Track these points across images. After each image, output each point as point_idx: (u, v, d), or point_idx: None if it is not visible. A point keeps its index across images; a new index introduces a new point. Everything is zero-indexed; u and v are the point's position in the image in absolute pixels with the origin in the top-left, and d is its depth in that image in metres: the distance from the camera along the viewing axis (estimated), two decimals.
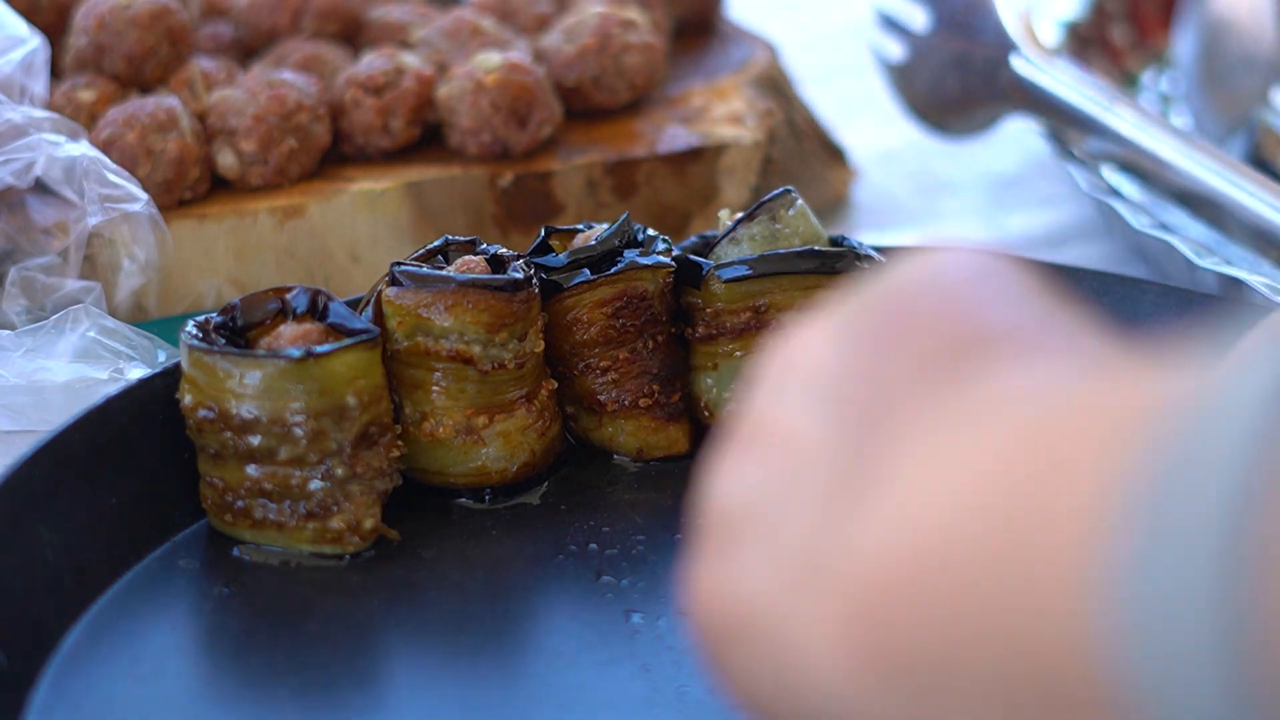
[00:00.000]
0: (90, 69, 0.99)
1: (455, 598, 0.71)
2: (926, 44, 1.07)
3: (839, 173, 1.10)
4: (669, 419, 0.80)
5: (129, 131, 0.93)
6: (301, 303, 0.75)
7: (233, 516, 0.73)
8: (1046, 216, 1.09)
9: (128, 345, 0.85)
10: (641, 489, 0.78)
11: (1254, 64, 1.09)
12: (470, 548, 0.74)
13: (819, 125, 1.10)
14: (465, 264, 0.76)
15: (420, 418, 0.76)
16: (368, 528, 0.73)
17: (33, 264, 0.89)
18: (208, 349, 0.72)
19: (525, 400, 0.77)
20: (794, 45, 1.22)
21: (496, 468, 0.77)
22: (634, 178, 1.00)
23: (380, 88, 0.98)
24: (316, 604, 0.71)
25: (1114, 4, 1.20)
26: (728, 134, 1.02)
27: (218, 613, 0.71)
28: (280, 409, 0.71)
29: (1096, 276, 0.85)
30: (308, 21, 1.05)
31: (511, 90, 0.97)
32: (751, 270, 0.79)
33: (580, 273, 0.79)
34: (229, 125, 0.95)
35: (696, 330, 0.81)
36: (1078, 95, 0.99)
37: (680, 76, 1.09)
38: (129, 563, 0.72)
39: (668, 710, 0.64)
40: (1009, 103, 1.03)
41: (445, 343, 0.75)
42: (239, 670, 0.68)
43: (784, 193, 0.81)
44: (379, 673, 0.67)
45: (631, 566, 0.72)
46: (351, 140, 0.99)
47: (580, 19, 1.04)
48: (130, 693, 0.65)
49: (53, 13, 1.05)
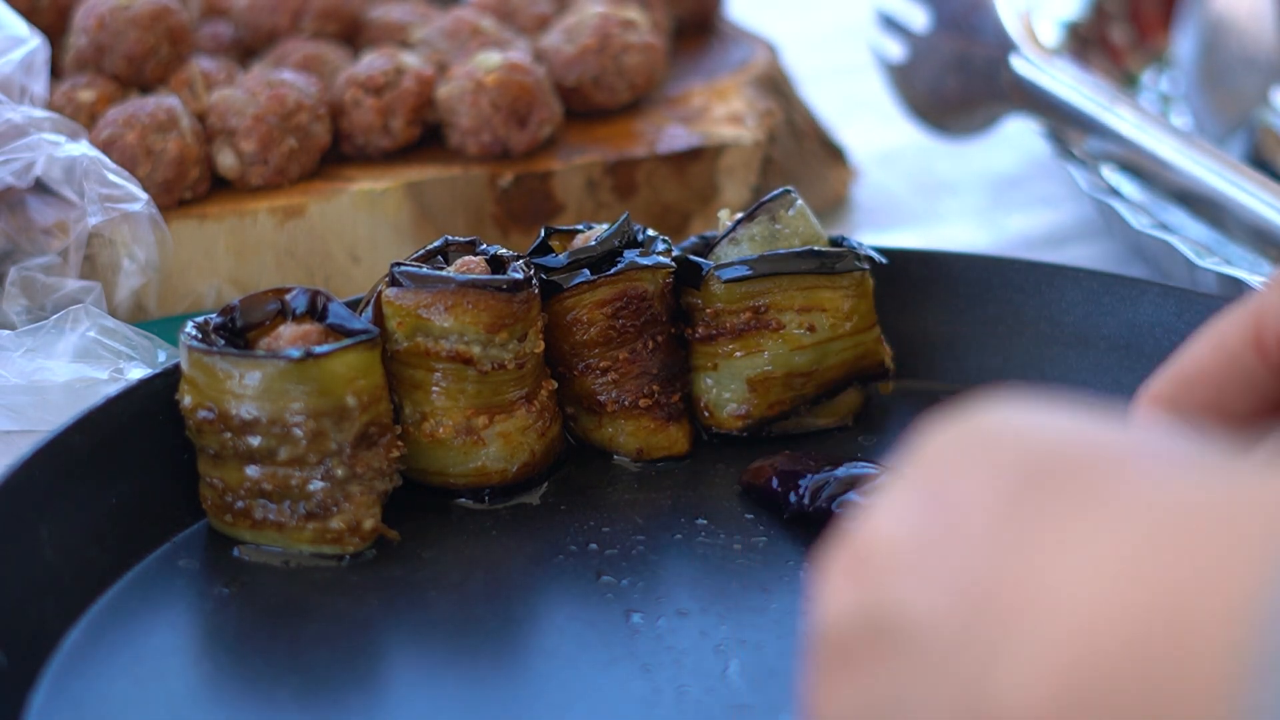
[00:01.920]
0: (90, 69, 0.99)
1: (455, 598, 0.71)
2: (926, 44, 1.07)
3: (839, 173, 1.10)
4: (669, 419, 0.80)
5: (129, 131, 0.93)
6: (301, 303, 0.75)
7: (233, 517, 0.73)
8: (1046, 216, 1.09)
9: (128, 345, 0.85)
10: (641, 489, 0.78)
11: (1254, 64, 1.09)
12: (470, 548, 0.74)
13: (819, 125, 1.10)
14: (465, 264, 0.76)
15: (420, 418, 0.76)
16: (368, 528, 0.73)
17: (33, 264, 0.89)
18: (207, 350, 0.72)
19: (525, 400, 0.77)
20: (794, 45, 1.22)
21: (496, 468, 0.77)
22: (634, 178, 1.00)
23: (380, 88, 0.98)
24: (316, 604, 0.71)
25: (1114, 4, 1.20)
26: (728, 134, 1.02)
27: (218, 613, 0.71)
28: (280, 409, 0.71)
29: (1096, 276, 0.85)
30: (308, 21, 1.06)
31: (511, 90, 0.97)
32: (751, 270, 0.79)
33: (580, 273, 0.79)
34: (229, 125, 0.95)
35: (696, 330, 0.81)
36: (1078, 95, 0.99)
37: (680, 76, 1.09)
38: (129, 563, 0.72)
39: (668, 710, 0.64)
40: (1009, 103, 1.03)
41: (445, 343, 0.75)
42: (239, 670, 0.68)
43: (784, 193, 0.81)
44: (379, 673, 0.67)
45: (631, 566, 0.72)
46: (351, 140, 0.99)
47: (580, 19, 1.04)
48: (130, 693, 0.65)
49: (53, 13, 1.05)
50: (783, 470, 0.77)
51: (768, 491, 0.76)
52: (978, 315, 0.86)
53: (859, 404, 0.83)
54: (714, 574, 0.72)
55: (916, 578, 0.45)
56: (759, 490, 0.77)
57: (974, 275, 0.87)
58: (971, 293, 0.87)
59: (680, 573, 0.72)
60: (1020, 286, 0.86)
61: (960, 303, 0.87)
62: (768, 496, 0.76)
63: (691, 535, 0.75)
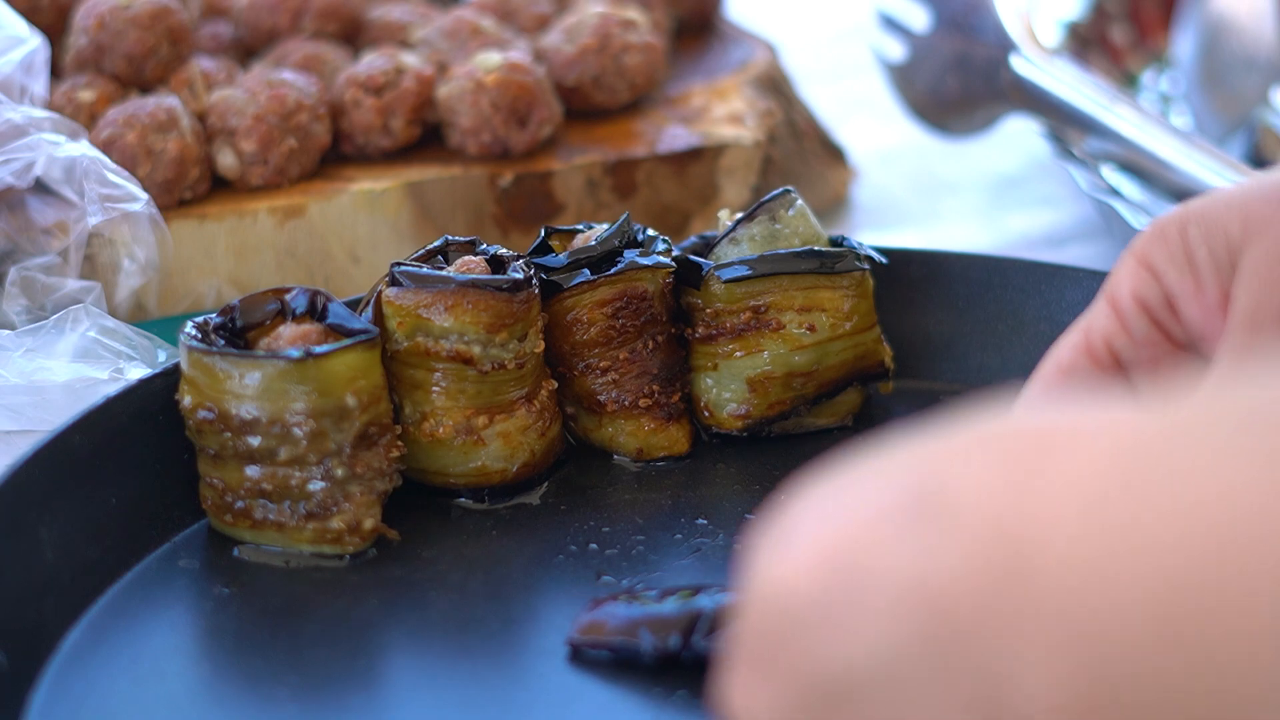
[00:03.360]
0: (90, 69, 0.99)
1: (455, 598, 0.71)
2: (926, 44, 1.07)
3: (839, 173, 1.10)
4: (669, 419, 0.80)
5: (129, 131, 0.93)
6: (300, 303, 0.75)
7: (233, 517, 0.73)
8: (1046, 216, 1.09)
9: (128, 345, 0.85)
10: (641, 489, 0.78)
11: (1254, 64, 1.09)
12: (470, 548, 0.74)
13: (819, 125, 1.10)
14: (465, 264, 0.76)
15: (420, 418, 0.76)
16: (368, 528, 0.73)
17: (33, 264, 0.89)
18: (207, 350, 0.72)
19: (525, 400, 0.77)
20: (794, 45, 1.22)
21: (496, 468, 0.77)
22: (634, 178, 1.00)
23: (380, 88, 0.98)
24: (316, 604, 0.71)
25: (1114, 4, 1.20)
26: (728, 134, 1.02)
27: (218, 613, 0.71)
28: (280, 410, 0.71)
29: (1096, 276, 0.85)
30: (308, 21, 1.06)
31: (511, 90, 0.98)
32: (751, 270, 0.79)
33: (580, 273, 0.79)
34: (229, 125, 0.95)
35: (696, 330, 0.81)
36: (1078, 95, 0.99)
37: (680, 76, 1.09)
38: (129, 563, 0.72)
39: (668, 710, 0.64)
40: (1009, 103, 1.03)
41: (445, 343, 0.75)
42: (239, 670, 0.68)
43: (784, 193, 0.81)
44: (379, 673, 0.67)
45: (631, 566, 0.72)
46: (351, 140, 0.99)
47: (580, 19, 1.04)
48: (130, 693, 0.65)
49: (53, 13, 1.05)
50: (619, 620, 0.67)
51: (613, 649, 0.66)
52: (978, 315, 0.86)
53: (859, 404, 0.83)
54: (714, 574, 0.72)
55: (837, 625, 0.41)
56: (601, 648, 0.67)
57: (974, 275, 0.87)
58: (971, 293, 0.87)
59: (680, 573, 0.72)
60: (1020, 286, 0.86)
61: (960, 303, 0.87)
62: (615, 652, 0.66)
63: (691, 535, 0.75)
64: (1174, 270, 0.64)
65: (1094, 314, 0.66)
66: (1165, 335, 0.65)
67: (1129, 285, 0.65)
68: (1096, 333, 0.66)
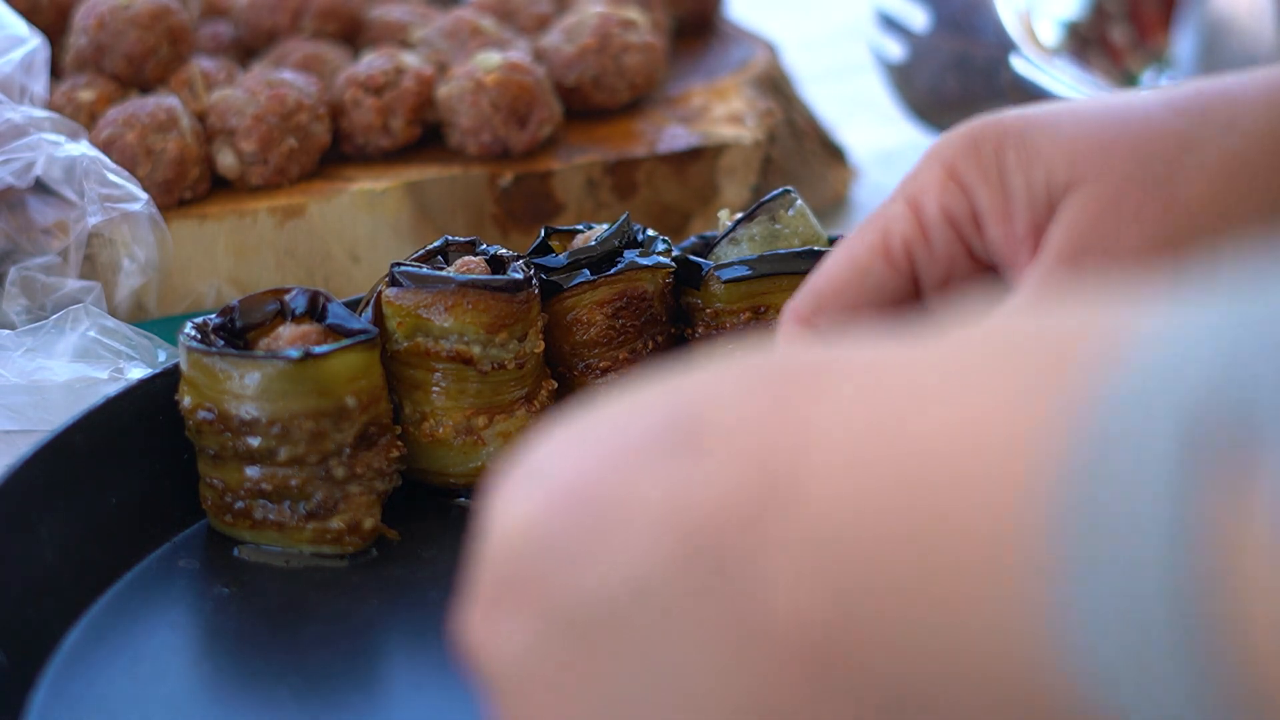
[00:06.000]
0: (90, 69, 0.99)
1: (455, 598, 0.71)
2: (926, 44, 1.07)
3: (839, 173, 1.10)
4: None
5: (129, 131, 0.93)
6: (300, 304, 0.75)
7: (233, 517, 0.73)
8: None
9: (128, 345, 0.85)
10: None
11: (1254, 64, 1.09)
12: (470, 548, 0.74)
13: (819, 125, 1.10)
14: (465, 264, 0.76)
15: (420, 418, 0.76)
16: (368, 528, 0.73)
17: (33, 264, 0.89)
18: (206, 350, 0.72)
19: (525, 400, 0.77)
20: (794, 45, 1.22)
21: (496, 468, 0.77)
22: (634, 178, 1.00)
23: (380, 88, 0.98)
24: (316, 604, 0.71)
25: (1114, 4, 1.20)
26: (728, 134, 1.02)
27: (218, 613, 0.71)
28: (279, 410, 0.71)
29: None
30: (308, 21, 1.06)
31: (511, 90, 0.97)
32: (751, 271, 0.79)
33: (580, 273, 0.79)
34: (229, 125, 0.95)
35: (696, 331, 0.81)
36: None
37: (680, 76, 1.09)
38: (129, 563, 0.72)
39: None
40: (1009, 103, 1.03)
41: (445, 343, 0.75)
42: (239, 670, 0.68)
43: (784, 193, 0.81)
44: (379, 673, 0.67)
45: None
46: (351, 140, 0.99)
47: (580, 19, 1.04)
48: (130, 693, 0.65)
49: (53, 13, 1.05)
50: None
51: None
52: None
53: None
54: None
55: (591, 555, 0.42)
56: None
57: None
58: None
59: None
60: None
61: None
62: None
63: None
64: (985, 190, 0.62)
65: (893, 216, 0.63)
66: (967, 250, 0.63)
67: (937, 196, 0.63)
68: (896, 236, 0.63)
